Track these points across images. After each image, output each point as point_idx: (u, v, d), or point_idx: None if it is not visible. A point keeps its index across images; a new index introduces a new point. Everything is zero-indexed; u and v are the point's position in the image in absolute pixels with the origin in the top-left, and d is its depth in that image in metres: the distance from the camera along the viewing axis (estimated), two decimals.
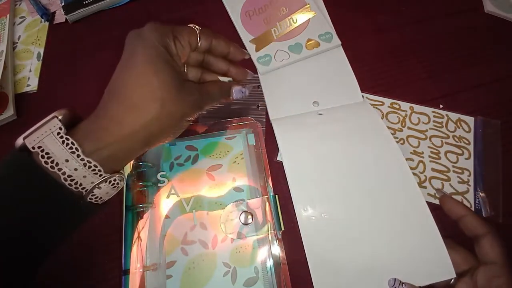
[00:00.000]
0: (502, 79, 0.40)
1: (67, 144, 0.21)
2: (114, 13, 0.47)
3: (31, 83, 0.43)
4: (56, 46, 0.46)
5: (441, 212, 0.30)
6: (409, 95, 0.39)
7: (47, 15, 0.47)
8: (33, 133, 0.22)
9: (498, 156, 0.36)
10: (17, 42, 0.47)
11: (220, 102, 0.30)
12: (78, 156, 0.21)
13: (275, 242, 0.32)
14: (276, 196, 0.33)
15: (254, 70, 0.41)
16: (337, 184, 0.31)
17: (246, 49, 0.40)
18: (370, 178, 0.31)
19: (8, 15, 0.48)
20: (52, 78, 0.43)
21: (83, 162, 0.21)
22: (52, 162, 0.21)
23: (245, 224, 0.32)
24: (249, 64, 0.41)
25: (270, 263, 0.31)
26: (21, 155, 0.22)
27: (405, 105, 0.39)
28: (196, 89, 0.27)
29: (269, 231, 0.32)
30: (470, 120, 0.38)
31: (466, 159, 0.36)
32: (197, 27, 0.28)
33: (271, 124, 0.37)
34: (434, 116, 0.38)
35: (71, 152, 0.21)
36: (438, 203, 0.32)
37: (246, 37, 0.42)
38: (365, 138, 0.34)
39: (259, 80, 0.40)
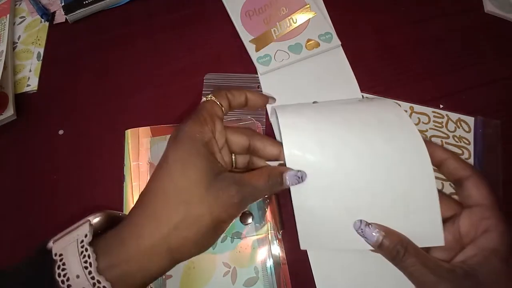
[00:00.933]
0: (502, 79, 0.40)
1: (84, 256, 0.19)
2: (114, 13, 0.47)
3: (31, 83, 0.43)
4: (56, 46, 0.46)
5: None
6: (409, 95, 0.39)
7: (47, 15, 0.47)
8: (64, 238, 0.20)
9: (498, 156, 0.36)
10: (17, 42, 0.47)
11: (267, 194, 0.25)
12: (90, 273, 0.19)
13: (275, 242, 0.32)
14: (276, 196, 0.33)
15: (254, 70, 0.41)
16: (336, 151, 0.27)
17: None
18: (374, 137, 0.27)
19: (8, 15, 0.48)
20: (52, 78, 0.43)
21: (93, 281, 0.18)
22: (64, 276, 0.19)
23: (245, 224, 0.32)
24: (249, 64, 0.41)
25: (270, 263, 0.31)
26: (42, 263, 0.20)
27: (405, 105, 0.39)
28: (235, 182, 0.22)
29: (269, 231, 0.32)
30: (470, 120, 0.38)
31: (466, 159, 0.36)
32: (212, 97, 0.25)
33: (271, 124, 0.38)
34: (434, 116, 0.38)
35: (84, 267, 0.19)
36: None
37: (246, 37, 0.42)
38: (368, 107, 0.32)
39: (259, 80, 0.40)
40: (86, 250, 0.19)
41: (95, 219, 0.21)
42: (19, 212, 0.36)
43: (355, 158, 0.27)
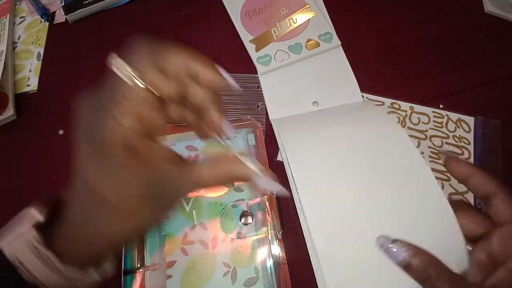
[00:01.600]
0: (502, 79, 0.40)
1: (43, 259, 0.19)
2: (114, 13, 0.47)
3: (31, 83, 0.43)
4: (56, 46, 0.46)
5: None
6: (409, 95, 0.39)
7: (47, 15, 0.47)
8: (8, 237, 0.20)
9: (498, 156, 0.36)
10: (17, 42, 0.47)
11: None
12: (59, 271, 0.19)
13: (275, 242, 0.32)
14: (276, 196, 0.33)
15: (254, 70, 0.41)
16: (344, 173, 0.29)
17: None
18: (379, 163, 0.29)
19: (8, 15, 0.48)
20: (52, 78, 0.43)
21: (64, 276, 0.20)
22: (33, 278, 0.19)
23: (245, 224, 0.32)
24: (249, 64, 0.41)
25: (270, 263, 0.31)
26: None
27: (405, 105, 0.39)
28: (179, 189, 0.20)
29: (269, 231, 0.32)
30: (470, 120, 0.38)
31: (466, 159, 0.36)
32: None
33: (271, 124, 0.38)
34: (434, 116, 0.38)
35: (49, 268, 0.19)
36: None
37: (246, 37, 0.42)
38: (369, 123, 0.33)
39: (259, 80, 0.40)
40: (46, 255, 0.19)
41: (37, 212, 0.21)
42: (19, 212, 0.36)
43: (364, 184, 0.28)
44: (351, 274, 0.26)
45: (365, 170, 0.29)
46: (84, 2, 0.46)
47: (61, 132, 0.39)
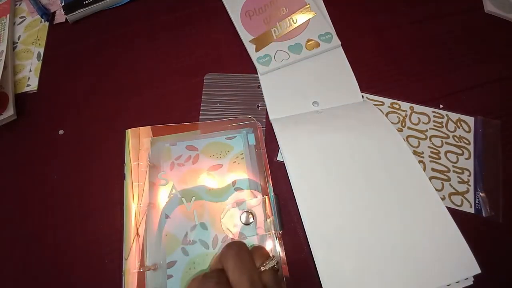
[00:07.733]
0: (502, 79, 0.40)
1: None
2: (114, 13, 0.47)
3: (31, 83, 0.43)
4: (56, 46, 0.46)
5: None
6: (409, 95, 0.39)
7: (47, 15, 0.47)
8: None
9: (498, 156, 0.36)
10: (17, 42, 0.47)
11: None
12: None
13: (275, 242, 0.32)
14: (276, 196, 0.33)
15: (254, 70, 0.41)
16: (341, 178, 0.30)
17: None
18: (376, 170, 0.30)
19: (8, 15, 0.48)
20: (52, 78, 0.43)
21: None
22: None
23: (246, 224, 0.32)
24: (249, 64, 0.41)
25: None
26: None
27: (405, 105, 0.39)
28: None
29: (269, 231, 0.32)
30: (470, 120, 0.38)
31: (466, 159, 0.36)
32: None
33: (271, 124, 0.38)
34: (434, 116, 0.38)
35: None
36: None
37: (246, 37, 0.42)
38: (368, 130, 0.34)
39: (259, 80, 0.40)
40: None
41: None
42: (19, 212, 0.36)
43: (361, 191, 0.29)
44: (348, 281, 0.26)
45: (361, 176, 0.30)
46: (84, 2, 0.46)
47: (61, 132, 0.40)
